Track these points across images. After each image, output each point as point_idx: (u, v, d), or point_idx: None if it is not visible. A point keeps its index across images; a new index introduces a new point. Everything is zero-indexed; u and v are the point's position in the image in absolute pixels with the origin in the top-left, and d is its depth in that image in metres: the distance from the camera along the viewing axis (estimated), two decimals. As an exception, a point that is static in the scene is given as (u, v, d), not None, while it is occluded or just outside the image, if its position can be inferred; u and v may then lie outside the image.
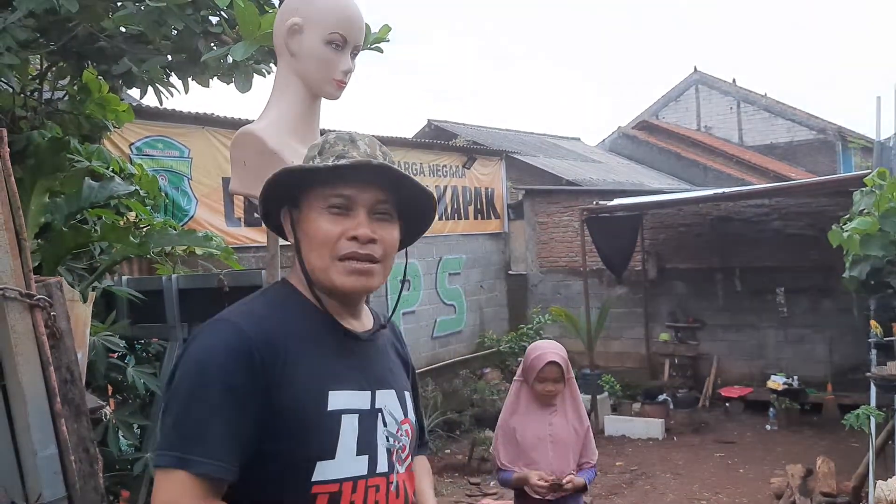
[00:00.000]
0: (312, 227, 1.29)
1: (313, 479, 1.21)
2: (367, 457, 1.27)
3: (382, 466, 1.29)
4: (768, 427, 8.24)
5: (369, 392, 1.31)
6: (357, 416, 1.27)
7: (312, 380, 1.24)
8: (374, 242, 1.29)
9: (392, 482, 1.31)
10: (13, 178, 1.72)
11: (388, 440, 1.32)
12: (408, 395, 1.43)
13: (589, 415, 3.39)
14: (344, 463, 1.23)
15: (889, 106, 6.37)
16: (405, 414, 1.39)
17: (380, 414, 1.32)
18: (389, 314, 1.50)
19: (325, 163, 1.28)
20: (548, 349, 3.19)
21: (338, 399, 1.25)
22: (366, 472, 1.26)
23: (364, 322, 1.40)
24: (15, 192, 1.73)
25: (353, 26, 1.89)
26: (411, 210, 1.37)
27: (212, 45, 2.44)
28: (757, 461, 7.14)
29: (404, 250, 1.42)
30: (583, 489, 3.13)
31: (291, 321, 1.28)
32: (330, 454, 1.22)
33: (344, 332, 1.33)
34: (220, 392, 1.16)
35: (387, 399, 1.34)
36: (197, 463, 1.13)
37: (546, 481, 2.99)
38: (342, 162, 1.27)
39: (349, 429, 1.25)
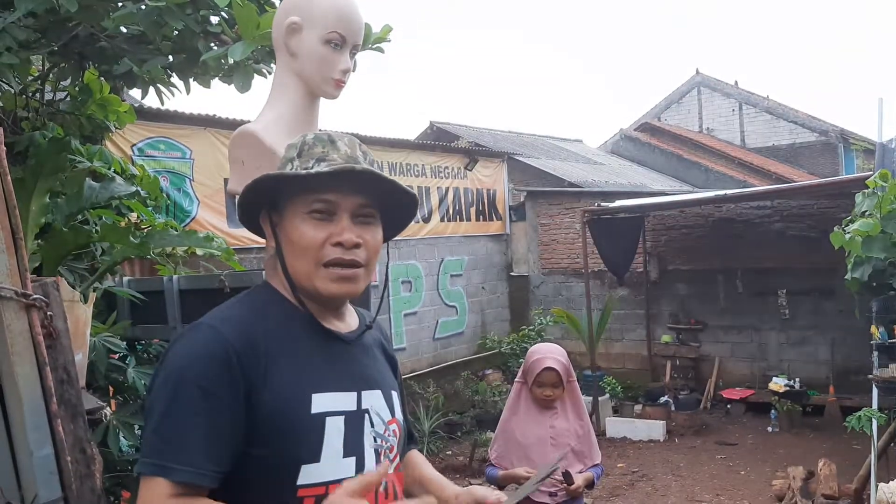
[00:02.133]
0: (296, 233, 1.27)
1: (298, 483, 1.20)
2: (354, 458, 1.26)
3: (370, 467, 1.28)
4: (770, 429, 8.22)
5: (355, 393, 1.30)
6: (343, 417, 1.26)
7: (295, 383, 1.23)
8: (359, 247, 1.27)
9: (381, 483, 1.29)
10: (9, 177, 1.71)
11: (375, 441, 1.31)
12: (395, 394, 1.41)
13: (590, 416, 3.38)
14: (330, 465, 1.22)
15: (891, 108, 6.36)
16: (392, 414, 1.37)
17: (366, 415, 1.30)
18: (374, 314, 1.48)
19: (304, 165, 1.26)
20: (547, 354, 3.15)
21: (322, 401, 1.24)
22: (353, 474, 1.24)
23: (349, 322, 1.39)
24: (11, 191, 1.73)
25: (353, 25, 1.89)
26: (391, 207, 1.36)
27: (211, 45, 2.44)
28: (758, 463, 7.12)
29: (385, 251, 1.41)
30: (590, 485, 3.11)
31: (273, 324, 1.27)
32: (315, 457, 1.21)
33: (327, 334, 1.32)
34: (198, 398, 1.16)
35: (373, 399, 1.33)
36: (176, 471, 1.13)
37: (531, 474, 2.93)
38: (323, 167, 1.25)
39: (334, 431, 1.24)
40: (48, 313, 1.80)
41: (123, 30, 2.66)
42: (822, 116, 18.74)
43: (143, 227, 3.29)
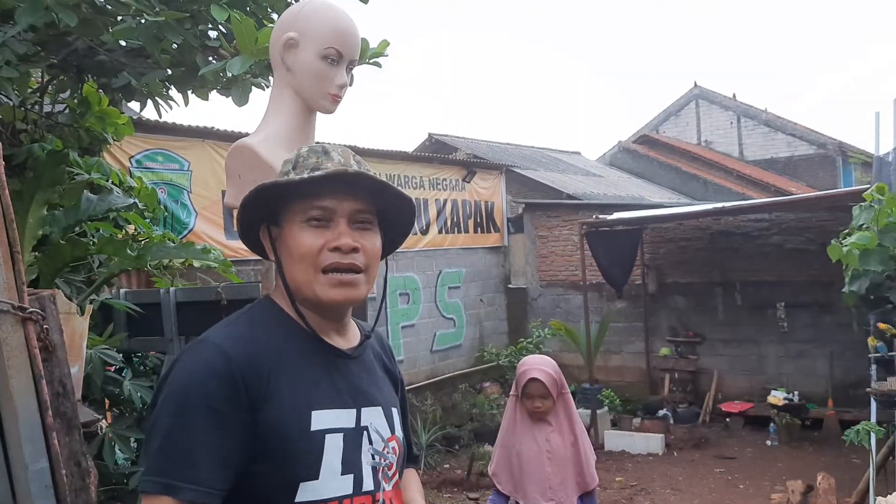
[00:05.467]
0: (294, 242, 1.27)
1: (297, 500, 1.20)
2: (352, 476, 1.25)
3: (368, 485, 1.28)
4: (769, 443, 8.20)
5: (354, 410, 1.29)
6: (341, 434, 1.25)
7: (296, 400, 1.22)
8: (357, 251, 1.27)
9: (378, 500, 1.29)
10: (7, 191, 1.72)
11: (373, 458, 1.30)
12: (395, 411, 1.40)
13: (588, 430, 3.38)
14: (328, 483, 1.22)
15: (888, 121, 6.39)
16: (392, 431, 1.37)
17: (365, 432, 1.30)
18: (373, 325, 1.47)
19: (300, 176, 1.27)
20: (532, 365, 3.17)
21: (321, 418, 1.24)
22: (351, 492, 1.25)
23: (349, 338, 1.38)
24: (9, 205, 1.73)
25: (349, 41, 1.90)
26: (391, 217, 1.36)
27: (210, 58, 2.46)
28: (757, 477, 7.10)
29: (384, 263, 1.41)
30: None
31: (275, 341, 1.26)
32: (313, 475, 1.21)
33: (328, 350, 1.32)
34: (204, 416, 1.15)
35: (373, 416, 1.33)
36: (183, 489, 1.12)
37: None
38: (317, 174, 1.25)
39: (333, 448, 1.23)
40: (44, 326, 1.79)
41: (122, 43, 2.68)
42: (821, 129, 18.80)
43: (140, 239, 3.29)
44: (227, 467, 1.16)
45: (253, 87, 2.51)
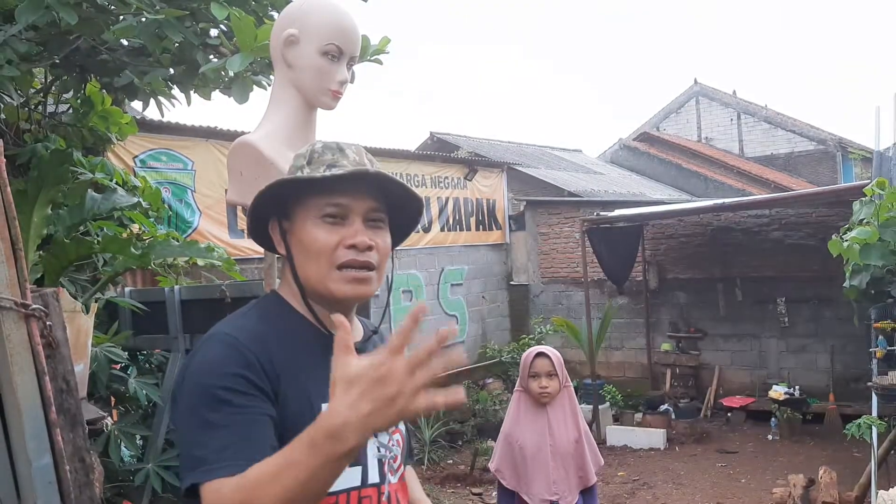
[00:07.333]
0: (308, 237, 1.28)
1: None
2: (359, 468, 1.26)
3: (374, 477, 1.29)
4: (770, 437, 8.20)
5: None
6: None
7: (305, 393, 1.23)
8: (371, 249, 1.29)
9: (384, 493, 1.30)
10: (9, 189, 1.73)
11: (379, 450, 1.31)
12: None
13: (591, 425, 3.41)
14: None
15: (888, 116, 6.39)
16: (396, 424, 1.38)
17: None
18: (379, 322, 1.49)
19: (315, 172, 1.28)
20: (538, 347, 3.28)
21: None
22: (358, 484, 1.26)
23: (355, 333, 1.39)
24: (11, 203, 1.75)
25: (349, 37, 1.91)
26: (397, 213, 1.38)
27: (210, 57, 2.47)
28: (759, 471, 7.11)
29: (390, 260, 1.41)
30: None
31: (284, 334, 1.27)
32: None
33: (334, 342, 1.33)
34: (234, 403, 1.14)
35: None
36: (227, 467, 1.08)
37: None
38: (336, 171, 1.26)
39: None
40: (47, 323, 1.81)
41: (124, 42, 2.70)
42: (821, 125, 18.82)
43: (144, 238, 3.31)
44: (272, 438, 1.14)
45: (254, 87, 2.53)
